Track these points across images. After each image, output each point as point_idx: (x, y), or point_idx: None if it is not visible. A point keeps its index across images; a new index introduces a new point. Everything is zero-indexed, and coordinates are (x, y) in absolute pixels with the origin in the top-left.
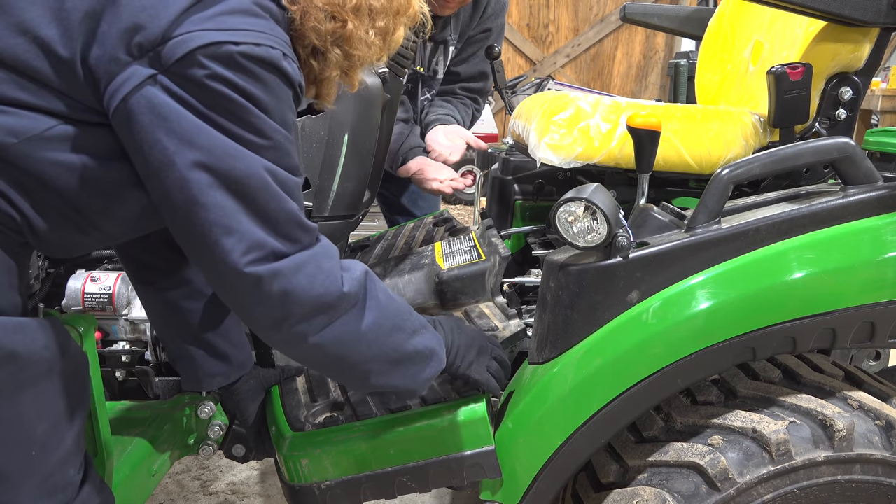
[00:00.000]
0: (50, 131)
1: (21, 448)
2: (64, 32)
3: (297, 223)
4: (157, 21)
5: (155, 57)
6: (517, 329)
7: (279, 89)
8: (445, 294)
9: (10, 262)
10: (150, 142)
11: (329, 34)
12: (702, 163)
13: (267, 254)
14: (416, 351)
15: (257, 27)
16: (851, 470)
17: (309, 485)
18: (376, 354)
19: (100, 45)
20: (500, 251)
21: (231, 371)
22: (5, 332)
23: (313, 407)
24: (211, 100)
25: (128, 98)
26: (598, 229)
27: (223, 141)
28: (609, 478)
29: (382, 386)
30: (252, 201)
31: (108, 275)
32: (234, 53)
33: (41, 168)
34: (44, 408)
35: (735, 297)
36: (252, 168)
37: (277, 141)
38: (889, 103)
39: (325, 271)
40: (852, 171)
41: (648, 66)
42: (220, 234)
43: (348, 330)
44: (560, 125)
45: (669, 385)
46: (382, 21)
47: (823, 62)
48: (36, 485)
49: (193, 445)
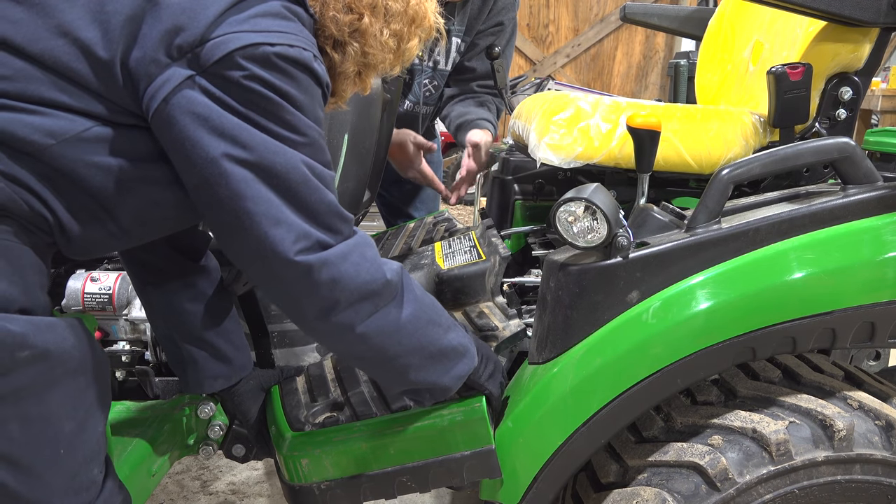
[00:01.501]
0: (86, 133)
1: (50, 446)
2: (104, 35)
3: (337, 214)
4: (197, 23)
5: (194, 58)
6: (517, 329)
7: (311, 88)
8: (445, 294)
9: (39, 263)
10: (192, 141)
11: (346, 25)
12: (702, 163)
13: (313, 243)
14: (451, 347)
15: (289, 29)
16: (851, 470)
17: (309, 485)
18: (416, 347)
19: (140, 47)
20: (500, 251)
21: (232, 373)
22: (38, 331)
23: (313, 407)
24: (248, 99)
25: (168, 99)
26: (598, 229)
27: (263, 138)
28: (609, 478)
29: (420, 381)
30: (294, 194)
31: (108, 275)
32: (269, 54)
33: (76, 169)
34: (71, 406)
35: (735, 297)
36: (292, 162)
37: (312, 137)
38: (889, 103)
39: (368, 259)
40: (852, 171)
41: (648, 66)
42: (268, 225)
43: (390, 320)
44: (560, 125)
45: (669, 385)
46: (398, 24)
47: (823, 62)
48: (64, 483)
49: (193, 445)
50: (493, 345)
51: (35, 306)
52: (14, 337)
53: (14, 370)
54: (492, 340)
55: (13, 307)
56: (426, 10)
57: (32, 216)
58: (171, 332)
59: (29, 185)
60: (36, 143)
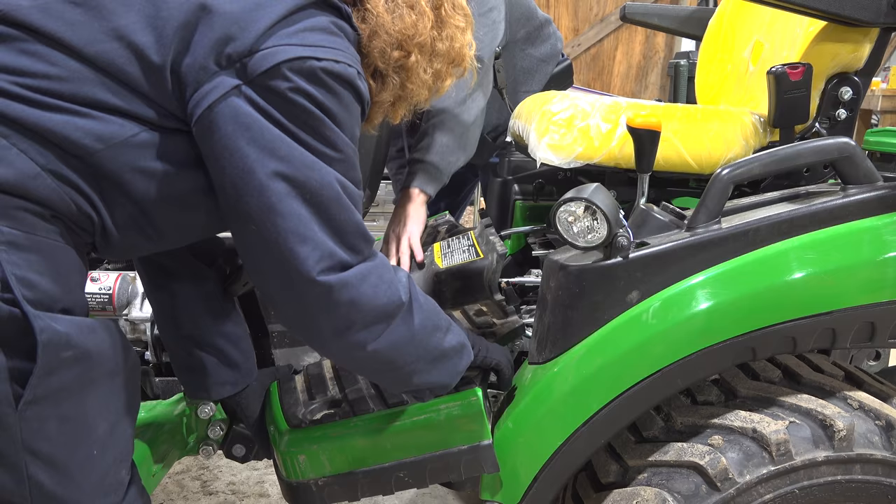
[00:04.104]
0: (134, 138)
1: (85, 446)
2: (157, 39)
3: (363, 235)
4: (247, 33)
5: (242, 68)
6: (515, 326)
7: (352, 105)
8: (444, 293)
9: (80, 263)
10: (231, 149)
11: (393, 61)
12: (702, 163)
13: (335, 263)
14: (451, 347)
15: (336, 45)
16: (851, 470)
17: (306, 481)
18: (421, 355)
19: (191, 54)
20: (498, 249)
21: (240, 379)
22: (80, 332)
23: (311, 404)
24: (291, 112)
25: (213, 106)
26: (598, 229)
27: (301, 152)
28: (609, 478)
29: (423, 383)
30: (325, 211)
31: (108, 275)
32: (316, 69)
33: (120, 173)
34: (105, 407)
35: (735, 297)
36: (326, 179)
37: (347, 154)
38: (889, 103)
39: (386, 281)
40: (852, 171)
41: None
42: (295, 242)
43: (400, 334)
44: (560, 125)
45: (669, 385)
46: (440, 64)
47: (823, 62)
48: (95, 483)
49: (193, 445)
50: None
51: (75, 306)
52: (60, 336)
53: (57, 370)
54: (490, 338)
55: (57, 307)
56: (466, 53)
57: (80, 217)
58: (182, 337)
59: (79, 186)
60: (86, 147)
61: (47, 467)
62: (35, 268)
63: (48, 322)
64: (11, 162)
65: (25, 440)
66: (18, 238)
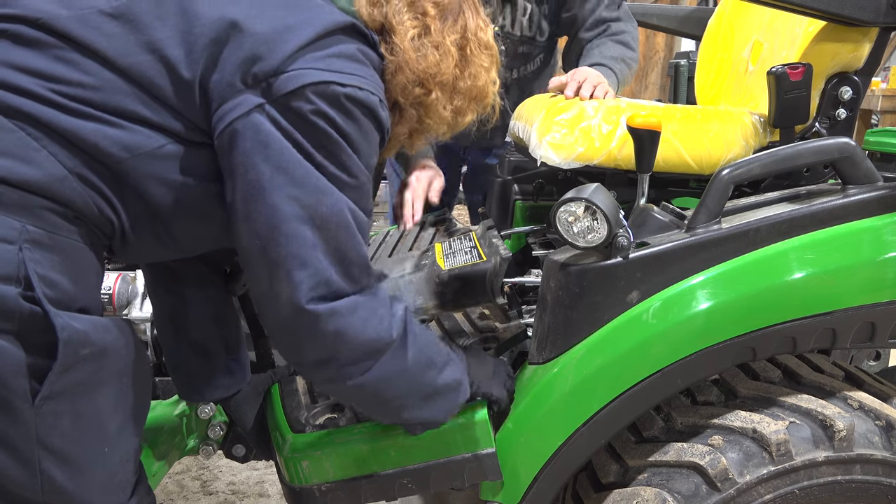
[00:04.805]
0: (160, 150)
1: (97, 443)
2: (188, 54)
3: (365, 266)
4: (275, 55)
5: (267, 87)
6: (518, 330)
7: (371, 133)
8: (445, 295)
9: (97, 265)
10: (246, 165)
11: (413, 97)
12: (702, 163)
13: (330, 292)
14: (445, 384)
15: (361, 73)
16: (851, 470)
17: (309, 486)
18: (412, 390)
19: (220, 70)
20: (501, 252)
21: (233, 383)
22: (97, 331)
23: (313, 408)
24: (311, 134)
25: (235, 122)
26: (598, 229)
27: (316, 176)
28: (609, 478)
29: (413, 419)
30: (332, 238)
31: (108, 275)
32: (339, 94)
33: (144, 183)
34: (117, 405)
35: (735, 297)
36: (337, 206)
37: (362, 182)
38: (889, 103)
39: (378, 316)
40: (852, 171)
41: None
42: (293, 265)
43: (389, 369)
44: (562, 125)
45: (669, 385)
46: (460, 101)
47: (823, 62)
48: (104, 480)
49: (193, 445)
50: (493, 346)
51: (91, 306)
52: (79, 334)
53: (74, 367)
54: (492, 342)
55: (74, 306)
56: (490, 91)
57: (101, 220)
58: (180, 339)
59: (102, 191)
60: (113, 156)
61: (60, 462)
62: (56, 267)
63: (67, 320)
64: (41, 164)
65: (40, 435)
66: (42, 237)
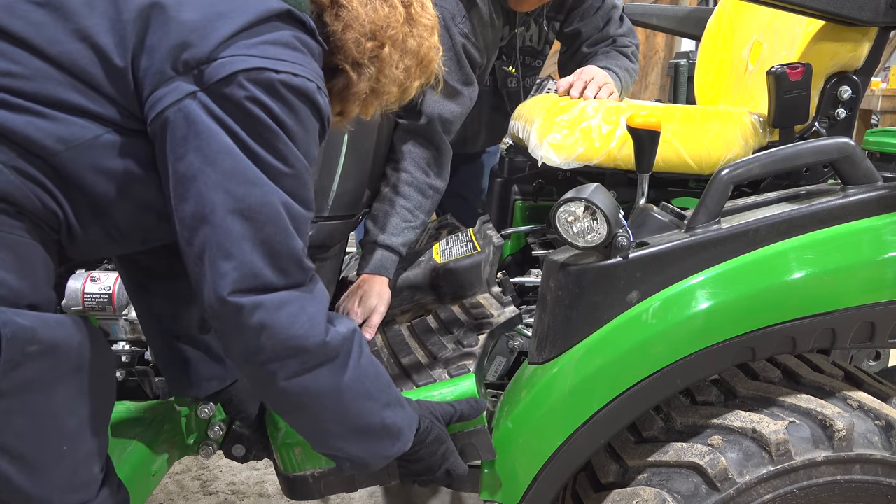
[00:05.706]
0: (97, 140)
1: (54, 441)
2: (119, 42)
3: (297, 261)
4: (206, 42)
5: (199, 75)
6: (512, 315)
7: (308, 121)
8: (442, 287)
9: (48, 259)
10: (177, 154)
11: (368, 52)
12: (701, 163)
13: (257, 285)
14: (382, 425)
15: (296, 59)
16: (851, 470)
17: (303, 473)
18: (341, 417)
19: (148, 56)
20: (494, 241)
21: (226, 374)
22: (46, 327)
23: None
24: (245, 121)
25: (167, 110)
26: (598, 229)
27: (246, 165)
28: (609, 478)
29: (339, 450)
30: (259, 230)
31: (108, 275)
32: (274, 80)
33: (83, 174)
34: (76, 402)
35: (735, 297)
36: (268, 197)
37: (298, 170)
38: (889, 103)
39: (308, 314)
40: (852, 171)
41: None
42: (218, 256)
43: (319, 383)
44: (563, 125)
45: (669, 385)
46: (409, 61)
47: (822, 62)
48: (65, 479)
49: (193, 445)
50: (487, 332)
51: (43, 302)
52: (24, 331)
53: (22, 364)
54: (487, 328)
55: (22, 302)
56: (434, 57)
57: (45, 213)
58: (165, 334)
59: (42, 183)
60: (48, 148)
61: (15, 461)
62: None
63: (11, 317)
64: None
65: None
66: None
